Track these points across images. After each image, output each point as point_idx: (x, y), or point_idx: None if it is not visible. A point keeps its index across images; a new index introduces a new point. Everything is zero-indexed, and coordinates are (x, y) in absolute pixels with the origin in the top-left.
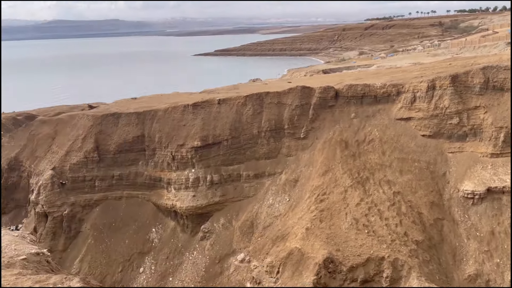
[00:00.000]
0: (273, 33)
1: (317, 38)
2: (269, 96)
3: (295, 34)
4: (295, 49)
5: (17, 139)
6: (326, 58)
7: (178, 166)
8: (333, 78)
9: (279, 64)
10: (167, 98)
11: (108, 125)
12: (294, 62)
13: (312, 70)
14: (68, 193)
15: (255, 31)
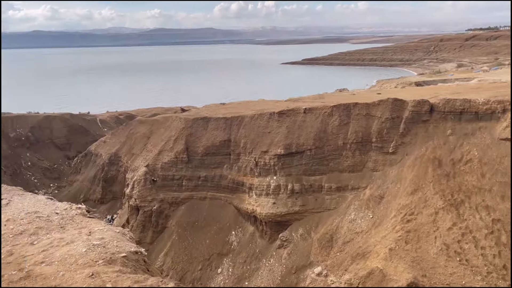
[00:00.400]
0: (364, 42)
1: (411, 49)
2: (357, 107)
3: (387, 44)
4: (386, 59)
5: (118, 136)
6: (419, 70)
7: (260, 172)
8: (427, 91)
9: (368, 74)
10: (254, 105)
11: (198, 128)
12: (385, 73)
13: (403, 81)
14: (158, 190)
15: (345, 41)
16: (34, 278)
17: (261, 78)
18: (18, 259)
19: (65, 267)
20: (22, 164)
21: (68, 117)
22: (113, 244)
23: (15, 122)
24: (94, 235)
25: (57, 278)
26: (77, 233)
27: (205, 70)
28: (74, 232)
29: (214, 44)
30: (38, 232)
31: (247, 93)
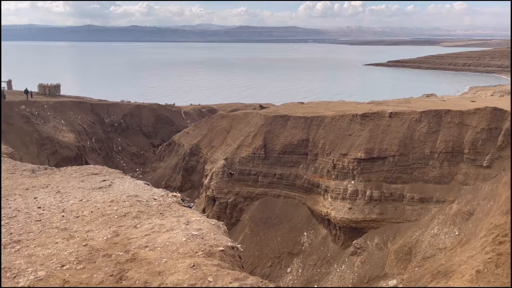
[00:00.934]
0: (457, 46)
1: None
2: (449, 114)
3: (485, 49)
4: (482, 64)
5: (200, 129)
6: None
7: (337, 175)
8: None
9: (460, 80)
10: (334, 105)
11: (277, 125)
12: (480, 79)
13: (502, 90)
14: (235, 183)
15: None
16: (139, 261)
17: (342, 78)
18: (123, 240)
19: (167, 254)
20: (114, 148)
21: (156, 107)
22: (210, 236)
23: (110, 109)
24: (192, 225)
25: (160, 264)
26: (175, 221)
27: (286, 68)
28: (172, 219)
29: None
30: (139, 216)
31: (327, 93)
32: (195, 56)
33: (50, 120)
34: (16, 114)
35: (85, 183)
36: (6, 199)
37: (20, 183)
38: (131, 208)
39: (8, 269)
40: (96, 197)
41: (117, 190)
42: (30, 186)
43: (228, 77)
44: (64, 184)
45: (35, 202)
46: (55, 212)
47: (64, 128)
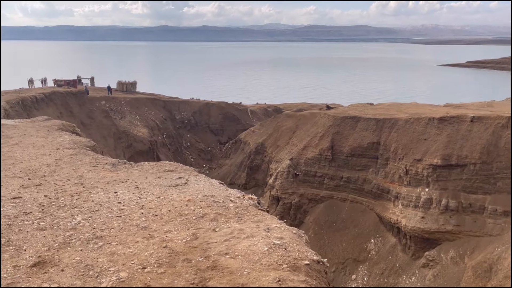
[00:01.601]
0: None
1: None
2: None
3: None
4: None
5: (265, 128)
6: None
7: (410, 182)
8: None
9: None
10: (407, 107)
11: (345, 127)
12: None
13: None
14: (299, 184)
15: None
16: (220, 270)
17: (415, 79)
18: (203, 244)
19: (250, 265)
20: (183, 143)
21: (224, 105)
22: (293, 247)
23: (181, 106)
24: (273, 232)
25: (243, 275)
26: (255, 226)
27: (354, 68)
28: (252, 225)
29: (368, 42)
30: (217, 218)
31: (398, 95)
32: (262, 56)
33: (126, 115)
34: (97, 109)
35: (162, 179)
36: (89, 192)
37: (101, 176)
38: (209, 209)
39: (90, 267)
40: (173, 195)
41: (192, 189)
42: (110, 180)
43: (295, 76)
44: (142, 180)
45: (115, 196)
46: (135, 208)
47: (139, 123)
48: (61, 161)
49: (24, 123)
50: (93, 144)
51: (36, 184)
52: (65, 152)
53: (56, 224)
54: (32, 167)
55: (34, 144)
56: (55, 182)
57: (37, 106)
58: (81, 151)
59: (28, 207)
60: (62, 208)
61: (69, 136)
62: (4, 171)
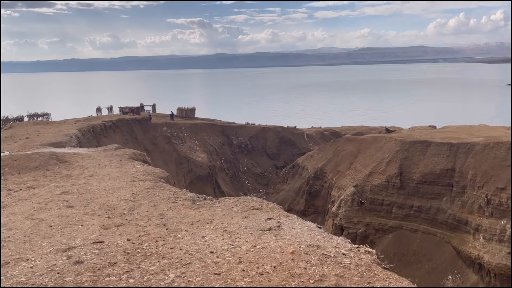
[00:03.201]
0: None
1: None
2: None
3: None
4: None
5: (324, 152)
6: None
7: (492, 213)
8: None
9: None
10: (478, 130)
11: (415, 152)
12: None
13: None
14: (365, 213)
15: None
16: None
17: (480, 100)
18: None
19: None
20: (240, 168)
21: (280, 129)
22: None
23: (238, 131)
24: None
25: None
26: None
27: (413, 89)
28: None
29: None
30: (340, 282)
31: (462, 116)
32: (316, 79)
33: (186, 140)
34: (160, 135)
35: (250, 220)
36: (174, 236)
37: (183, 215)
38: (323, 267)
39: None
40: (270, 243)
41: (290, 235)
42: (194, 221)
43: (350, 99)
44: (228, 221)
45: (204, 243)
46: (232, 261)
47: (198, 148)
48: (139, 195)
49: (97, 152)
50: (166, 175)
51: (117, 224)
52: (141, 185)
53: (147, 282)
54: (110, 203)
55: (109, 175)
56: (136, 222)
57: (105, 133)
58: (156, 183)
59: (112, 255)
60: (149, 258)
61: (142, 166)
62: (83, 208)
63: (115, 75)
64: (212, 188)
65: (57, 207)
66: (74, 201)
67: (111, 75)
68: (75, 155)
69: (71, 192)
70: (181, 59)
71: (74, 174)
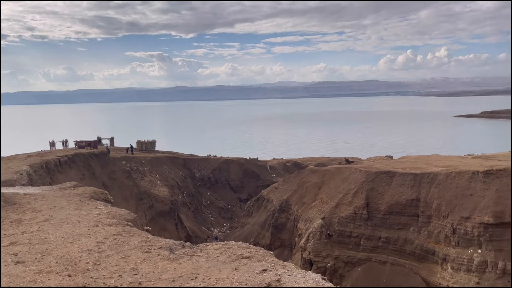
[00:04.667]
0: None
1: None
2: None
3: None
4: None
5: (289, 184)
6: None
7: (459, 242)
8: None
9: None
10: (435, 160)
11: (380, 183)
12: None
13: None
14: (334, 245)
15: None
16: None
17: (431, 131)
18: None
19: None
20: (203, 202)
21: (243, 161)
22: None
23: (200, 164)
24: None
25: None
26: None
27: (368, 121)
28: None
29: (378, 96)
30: None
31: (416, 147)
32: (275, 112)
33: (146, 174)
34: (119, 169)
35: (242, 273)
36: None
37: (161, 269)
38: None
39: None
40: None
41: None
42: (175, 276)
43: (309, 131)
44: (216, 275)
45: None
46: None
47: (159, 183)
48: (105, 244)
49: (52, 192)
50: (133, 216)
51: (80, 285)
52: (106, 231)
53: None
54: (70, 256)
55: (67, 219)
56: (104, 281)
57: (60, 169)
58: (124, 228)
59: None
60: None
61: (105, 207)
62: (37, 263)
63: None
64: (174, 224)
65: (4, 264)
66: (25, 254)
67: (67, 108)
68: (26, 195)
69: (21, 242)
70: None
71: (25, 219)
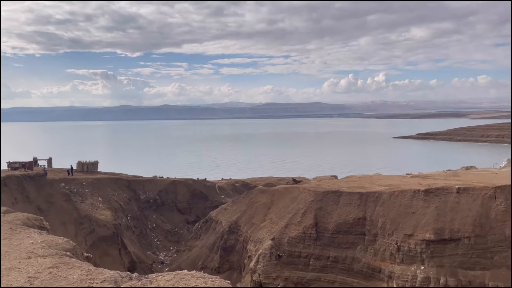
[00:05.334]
0: (486, 117)
1: None
2: None
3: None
4: None
5: (238, 205)
6: None
7: (403, 259)
8: None
9: (495, 152)
10: (378, 179)
11: (328, 202)
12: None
13: None
14: (284, 266)
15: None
16: None
17: (372, 152)
18: None
19: None
20: (148, 225)
21: (191, 182)
22: None
23: (146, 185)
24: None
25: None
26: None
27: (313, 142)
28: None
29: (323, 118)
30: None
31: (359, 166)
32: (224, 132)
33: (88, 197)
34: (57, 192)
35: None
36: None
37: None
38: None
39: None
40: None
41: None
42: None
43: (257, 151)
44: None
45: None
46: None
47: (101, 206)
48: (38, 280)
49: None
50: (72, 245)
51: None
52: (40, 264)
53: None
54: None
55: None
56: None
57: None
58: (61, 259)
59: None
60: None
61: (40, 235)
62: None
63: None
64: (117, 249)
65: None
66: None
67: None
68: None
69: None
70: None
71: None
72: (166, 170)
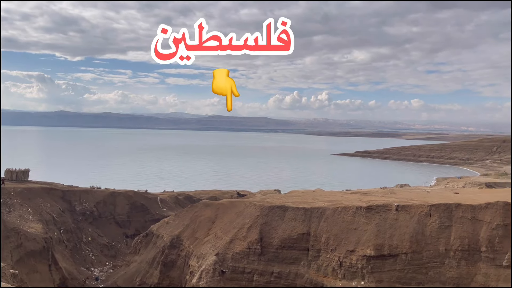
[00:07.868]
0: (418, 138)
1: (471, 148)
2: (460, 209)
3: (444, 142)
4: (444, 157)
5: (181, 218)
6: (482, 170)
7: (345, 275)
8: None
9: (426, 171)
10: (320, 195)
11: (274, 217)
12: (443, 170)
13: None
14: (227, 283)
15: (398, 136)
16: None
17: (314, 167)
18: None
19: None
20: (83, 239)
21: (132, 194)
22: None
23: (82, 196)
24: None
25: None
26: None
27: (258, 156)
28: None
29: (268, 132)
30: None
31: (301, 182)
32: (167, 143)
33: (16, 208)
34: None
35: None
36: None
37: None
38: None
39: None
40: None
41: None
42: None
43: (201, 163)
44: None
45: None
46: None
47: (31, 218)
48: None
49: None
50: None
51: None
52: None
53: None
54: None
55: None
56: None
57: None
58: None
59: None
60: None
61: None
62: None
63: None
64: (47, 265)
65: None
66: None
67: None
68: None
69: None
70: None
71: None
72: (106, 181)
